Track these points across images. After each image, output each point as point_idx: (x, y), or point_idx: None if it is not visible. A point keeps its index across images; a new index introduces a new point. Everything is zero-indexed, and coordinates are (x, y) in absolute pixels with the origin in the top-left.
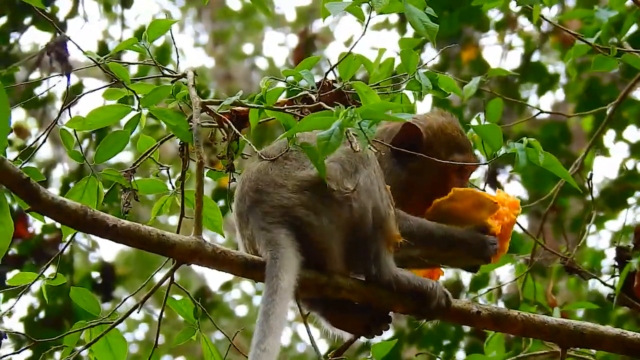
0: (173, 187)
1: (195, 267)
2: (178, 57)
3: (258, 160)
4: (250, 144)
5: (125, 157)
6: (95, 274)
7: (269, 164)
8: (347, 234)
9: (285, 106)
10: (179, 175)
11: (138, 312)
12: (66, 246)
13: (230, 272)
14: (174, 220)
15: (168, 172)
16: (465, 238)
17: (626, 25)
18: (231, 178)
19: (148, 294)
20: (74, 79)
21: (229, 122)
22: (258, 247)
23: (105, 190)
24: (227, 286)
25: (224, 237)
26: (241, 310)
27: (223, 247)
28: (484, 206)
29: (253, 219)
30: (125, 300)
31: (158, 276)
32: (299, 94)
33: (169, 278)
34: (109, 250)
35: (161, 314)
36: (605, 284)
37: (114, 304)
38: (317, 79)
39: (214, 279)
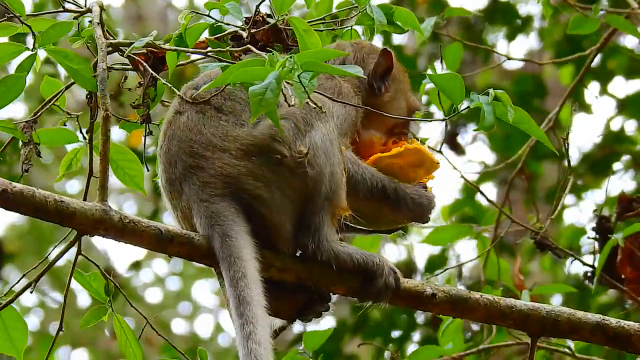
0: (84, 137)
1: (99, 243)
2: None
3: (179, 108)
4: (172, 88)
5: (16, 112)
6: None
7: (199, 118)
8: (299, 207)
9: (210, 48)
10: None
11: (32, 292)
12: None
13: (141, 246)
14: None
15: (77, 120)
16: (415, 195)
17: None
18: (147, 131)
19: (43, 270)
20: None
21: (144, 64)
22: (196, 220)
23: None
24: (135, 266)
25: (145, 195)
26: (152, 295)
27: (133, 215)
28: (423, 165)
29: (189, 188)
30: (20, 279)
31: (56, 253)
32: (226, 32)
33: (74, 253)
34: None
35: (67, 291)
36: (584, 263)
37: (3, 285)
38: (246, 15)
39: (121, 257)
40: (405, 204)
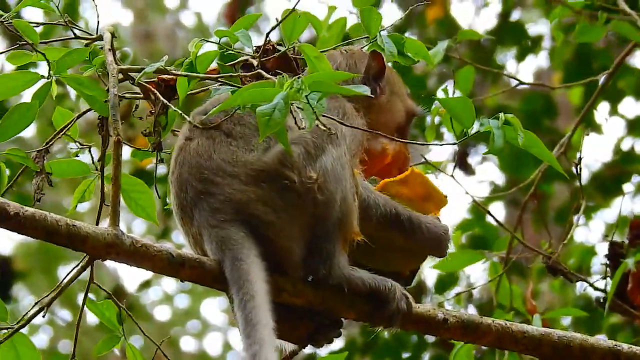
0: (96, 167)
1: (108, 263)
2: (99, 15)
3: (189, 134)
4: (183, 115)
5: (26, 133)
6: None
7: (209, 144)
8: (309, 232)
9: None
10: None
11: (44, 316)
12: None
13: (152, 270)
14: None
15: (90, 151)
16: (431, 224)
17: None
18: (158, 159)
19: (55, 295)
20: None
21: (155, 92)
22: (207, 246)
23: (9, 172)
24: (145, 285)
25: (157, 225)
26: (161, 313)
27: (144, 239)
28: (431, 198)
29: (199, 214)
30: (33, 307)
31: (67, 274)
32: (238, 60)
33: (88, 275)
34: (5, 241)
35: (79, 320)
36: (595, 288)
37: (13, 304)
38: (256, 41)
39: (131, 276)
40: (420, 233)
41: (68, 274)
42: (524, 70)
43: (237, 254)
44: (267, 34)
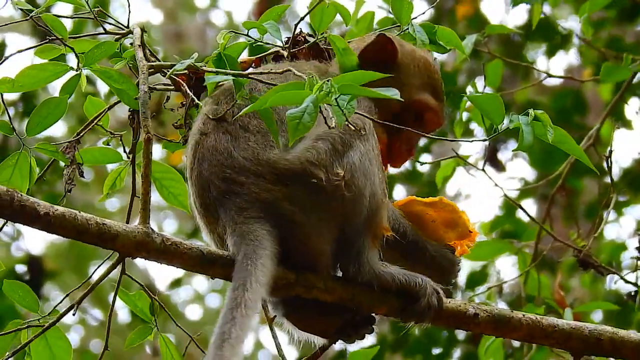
0: (127, 156)
1: (139, 261)
2: (130, 10)
3: (203, 128)
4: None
5: (55, 130)
6: (20, 268)
7: (227, 139)
8: (338, 229)
9: (251, 69)
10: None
11: (74, 314)
12: None
13: (183, 268)
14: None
15: (121, 140)
16: (438, 252)
17: None
18: None
19: (87, 292)
20: None
21: (185, 86)
22: (228, 241)
23: (38, 170)
24: (176, 283)
25: (189, 213)
26: (192, 312)
27: (174, 237)
28: (456, 227)
29: (225, 214)
30: (64, 298)
31: (97, 272)
32: (268, 52)
33: (117, 272)
34: (36, 240)
35: (111, 312)
36: (626, 281)
37: (43, 303)
38: (284, 33)
39: (161, 275)
40: (421, 259)
41: (95, 271)
42: (554, 66)
43: (250, 251)
44: (296, 24)
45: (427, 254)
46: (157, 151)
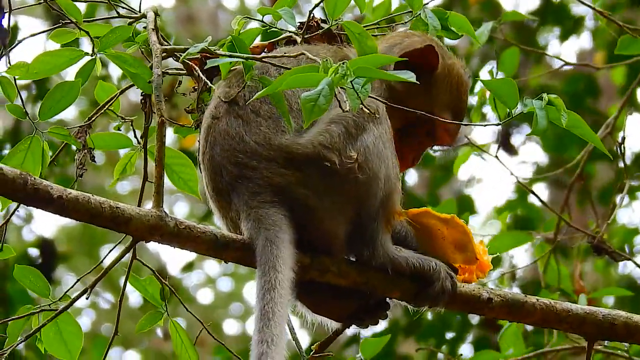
0: (138, 142)
1: (151, 245)
2: None
3: (215, 113)
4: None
5: (67, 114)
6: (32, 252)
7: (239, 124)
8: (352, 213)
9: (264, 53)
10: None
11: (87, 298)
12: (6, 222)
13: (196, 251)
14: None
15: (132, 124)
16: (436, 267)
17: None
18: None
19: (99, 276)
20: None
21: (198, 70)
22: (243, 225)
23: (51, 153)
24: (188, 267)
25: (200, 199)
26: (203, 296)
27: (188, 221)
28: (464, 250)
29: (238, 198)
30: (75, 283)
31: (109, 256)
32: (281, 36)
33: (129, 256)
34: (47, 224)
35: (122, 296)
36: (639, 266)
37: (55, 287)
38: (298, 19)
39: (173, 259)
40: (417, 273)
41: (107, 254)
42: (566, 50)
43: (271, 236)
44: (311, 10)
45: (425, 263)
46: (168, 136)
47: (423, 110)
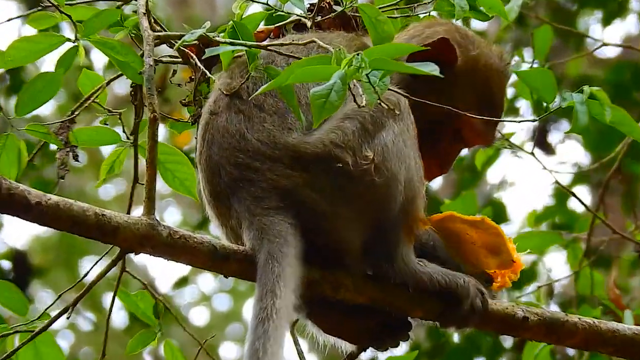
0: (128, 138)
1: (137, 258)
2: None
3: (214, 107)
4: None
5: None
6: (4, 264)
7: (240, 120)
8: (368, 220)
9: (269, 40)
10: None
11: (68, 318)
12: None
13: (193, 264)
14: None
15: (120, 119)
16: (464, 284)
17: None
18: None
19: (82, 293)
20: None
21: (195, 58)
22: (245, 235)
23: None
24: (181, 283)
25: (197, 201)
26: (197, 315)
27: (182, 230)
28: (498, 254)
29: (239, 204)
30: (56, 300)
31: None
32: (288, 20)
33: (115, 270)
34: (20, 233)
35: (110, 311)
36: None
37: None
38: (308, 1)
39: (164, 273)
40: (432, 285)
41: (92, 267)
42: (609, 36)
43: (275, 250)
44: None
45: (453, 275)
46: (161, 131)
47: (438, 110)
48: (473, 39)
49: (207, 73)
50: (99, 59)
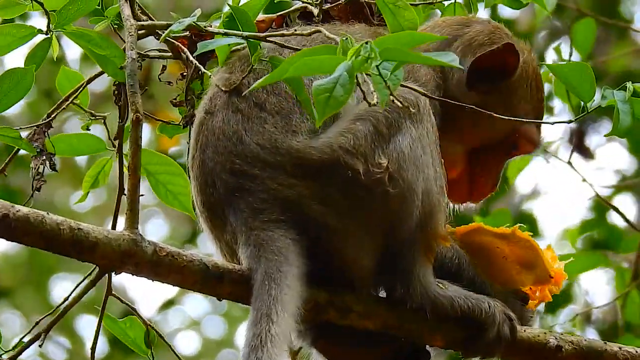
0: (114, 145)
1: (117, 279)
2: None
3: (209, 106)
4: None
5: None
6: None
7: (237, 120)
8: (381, 236)
9: (271, 29)
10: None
11: (40, 346)
12: None
13: (181, 286)
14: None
15: (104, 123)
16: (490, 309)
17: None
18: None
19: (56, 318)
20: None
21: (187, 52)
22: (241, 251)
23: None
24: (166, 306)
25: (195, 218)
26: (186, 342)
27: (170, 246)
28: (533, 268)
29: (235, 216)
30: (29, 331)
31: (64, 292)
32: (292, 8)
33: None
34: None
35: (95, 340)
36: None
37: None
38: None
39: (146, 295)
40: (454, 311)
41: (73, 291)
42: None
43: (273, 269)
44: None
45: (484, 298)
46: (147, 135)
47: (505, 125)
48: (525, 47)
49: (202, 68)
50: (72, 52)
